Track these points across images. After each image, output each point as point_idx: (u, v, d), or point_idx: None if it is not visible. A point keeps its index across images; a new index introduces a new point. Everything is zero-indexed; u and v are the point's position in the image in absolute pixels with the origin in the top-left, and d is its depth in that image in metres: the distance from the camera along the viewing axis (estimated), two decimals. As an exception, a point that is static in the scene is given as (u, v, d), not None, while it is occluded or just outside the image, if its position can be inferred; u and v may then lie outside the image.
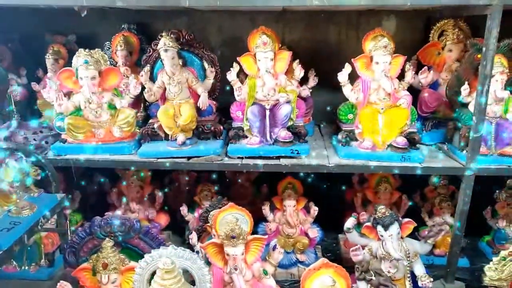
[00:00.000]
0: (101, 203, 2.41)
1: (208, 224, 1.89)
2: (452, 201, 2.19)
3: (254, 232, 1.81)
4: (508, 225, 2.20)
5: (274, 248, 1.70)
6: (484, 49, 1.70)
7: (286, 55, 1.93)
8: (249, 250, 1.64)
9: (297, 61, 2.03)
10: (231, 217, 1.62)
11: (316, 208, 2.09)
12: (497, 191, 2.25)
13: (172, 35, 1.96)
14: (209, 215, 1.89)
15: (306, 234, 2.09)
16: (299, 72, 2.00)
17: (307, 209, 2.13)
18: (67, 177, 2.19)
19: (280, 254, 1.70)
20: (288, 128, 1.92)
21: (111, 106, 1.97)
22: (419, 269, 1.76)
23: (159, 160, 1.89)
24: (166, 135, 1.97)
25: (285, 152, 1.87)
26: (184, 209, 2.17)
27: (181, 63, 1.96)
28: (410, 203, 2.22)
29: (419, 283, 1.72)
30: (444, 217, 2.19)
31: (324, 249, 2.26)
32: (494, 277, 1.68)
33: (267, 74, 1.88)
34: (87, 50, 1.89)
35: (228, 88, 1.96)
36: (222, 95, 2.11)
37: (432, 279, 1.73)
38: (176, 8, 2.15)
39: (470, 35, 2.17)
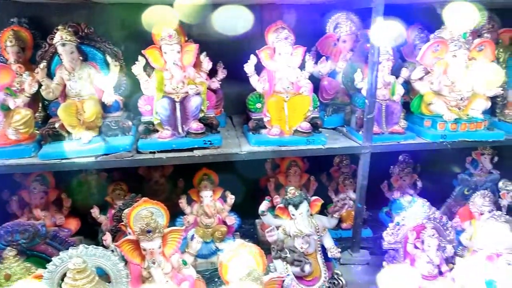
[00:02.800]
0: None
1: (123, 223, 1.84)
2: (354, 179, 2.40)
3: (173, 226, 1.80)
4: (402, 196, 2.49)
5: (192, 238, 1.72)
6: (371, 39, 1.90)
7: (193, 47, 1.94)
8: (166, 243, 1.63)
9: (204, 53, 2.05)
10: (145, 212, 1.60)
11: (233, 197, 2.15)
12: (391, 167, 2.53)
13: (69, 29, 1.85)
14: (123, 214, 1.84)
15: (224, 223, 2.14)
16: (207, 64, 2.03)
17: (224, 199, 2.17)
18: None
19: (199, 243, 1.72)
20: (200, 120, 1.94)
21: (4, 107, 1.80)
22: (328, 242, 1.91)
23: (63, 161, 1.78)
24: (70, 134, 1.86)
25: (198, 143, 1.89)
26: (95, 211, 2.08)
27: (81, 58, 1.87)
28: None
29: (329, 255, 1.87)
30: (348, 193, 2.39)
31: (243, 235, 2.33)
32: (391, 241, 1.89)
33: (175, 67, 1.88)
34: (-31, 46, 1.71)
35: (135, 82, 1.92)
36: (130, 90, 2.05)
37: (340, 250, 1.90)
38: (73, 1, 2.05)
39: (361, 26, 2.39)
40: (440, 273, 1.82)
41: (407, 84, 2.21)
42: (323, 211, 2.09)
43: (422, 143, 2.08)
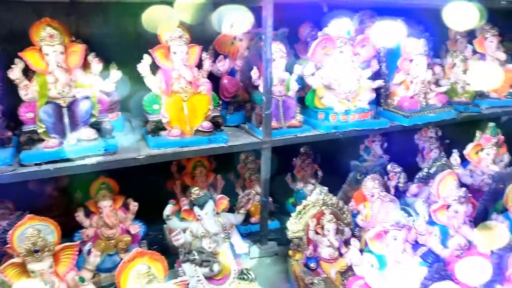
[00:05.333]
0: None
1: (8, 245, 1.65)
2: (259, 174, 2.46)
3: (71, 242, 1.66)
4: (305, 186, 2.61)
5: (89, 252, 1.60)
6: (263, 37, 1.95)
7: (79, 48, 1.82)
8: (59, 261, 1.50)
9: (93, 54, 1.93)
10: (31, 230, 1.45)
11: (136, 204, 2.06)
12: (294, 159, 2.64)
13: None
14: (8, 235, 1.65)
15: (128, 232, 2.04)
16: (96, 65, 1.90)
17: (126, 207, 2.07)
18: None
19: (96, 257, 1.62)
20: (92, 125, 1.82)
21: None
22: (236, 239, 1.92)
23: None
24: None
25: (90, 150, 1.77)
26: (-26, 236, 1.83)
27: None
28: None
29: (237, 251, 1.89)
30: (255, 188, 2.44)
31: (150, 243, 2.24)
32: (295, 229, 1.98)
33: (59, 69, 1.73)
34: None
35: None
36: (8, 97, 1.85)
37: (248, 245, 1.93)
38: None
39: (256, 25, 2.44)
40: (341, 254, 1.95)
41: (301, 80, 2.32)
42: (232, 209, 2.11)
43: (317, 134, 2.21)
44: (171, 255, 2.09)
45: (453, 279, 1.62)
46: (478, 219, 2.16)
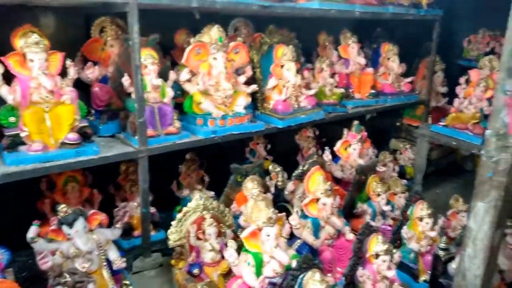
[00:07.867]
0: None
1: None
2: (141, 184, 2.38)
3: None
4: (191, 192, 2.59)
5: None
6: (131, 42, 1.90)
7: None
8: None
9: None
10: None
11: (-6, 229, 1.84)
12: (179, 166, 2.61)
13: None
14: None
15: (-13, 261, 1.81)
16: None
17: (-16, 233, 1.83)
18: None
19: None
20: None
21: None
22: (113, 254, 1.83)
23: None
24: None
25: None
26: None
27: None
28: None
29: (114, 267, 1.80)
30: (137, 200, 2.35)
31: (19, 269, 2.02)
32: (176, 238, 1.95)
33: None
34: None
35: None
36: None
37: (125, 260, 1.85)
38: None
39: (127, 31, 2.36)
40: (223, 257, 1.97)
41: (179, 86, 2.31)
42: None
43: (196, 140, 2.22)
44: (44, 281, 1.92)
45: (321, 267, 1.75)
46: (346, 209, 2.39)
